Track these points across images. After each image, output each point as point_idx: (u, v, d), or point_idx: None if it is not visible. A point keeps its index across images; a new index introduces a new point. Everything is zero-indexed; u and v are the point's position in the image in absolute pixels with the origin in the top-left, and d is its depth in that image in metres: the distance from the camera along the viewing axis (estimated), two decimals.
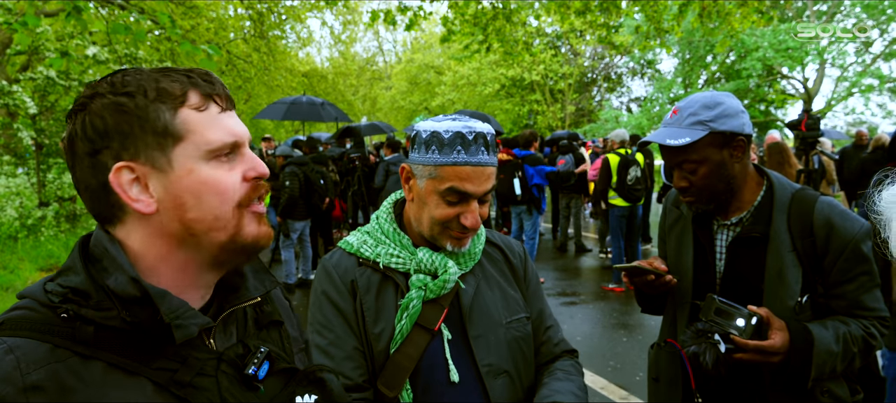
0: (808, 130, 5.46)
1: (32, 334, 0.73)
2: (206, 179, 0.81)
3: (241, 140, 0.86)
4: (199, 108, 0.82)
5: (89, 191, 0.81)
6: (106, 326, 0.76)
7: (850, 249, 1.58)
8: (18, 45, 9.52)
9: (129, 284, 0.77)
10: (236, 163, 0.85)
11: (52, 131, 10.01)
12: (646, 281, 1.71)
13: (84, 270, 0.79)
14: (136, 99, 0.79)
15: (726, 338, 1.52)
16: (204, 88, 0.84)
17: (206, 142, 0.81)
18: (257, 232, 0.87)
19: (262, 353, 0.88)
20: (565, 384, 1.40)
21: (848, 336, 1.57)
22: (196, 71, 0.85)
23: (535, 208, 7.57)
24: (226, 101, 0.86)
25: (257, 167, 0.87)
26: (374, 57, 39.69)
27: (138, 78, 0.81)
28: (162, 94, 0.80)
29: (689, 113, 1.63)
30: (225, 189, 0.83)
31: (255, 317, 0.97)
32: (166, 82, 0.81)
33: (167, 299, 0.78)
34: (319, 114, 11.15)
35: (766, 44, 20.85)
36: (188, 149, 0.81)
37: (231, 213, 0.83)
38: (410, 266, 1.38)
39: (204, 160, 0.82)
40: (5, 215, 9.64)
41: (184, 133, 0.81)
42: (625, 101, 31.43)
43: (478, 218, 1.33)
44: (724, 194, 1.67)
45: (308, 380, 0.93)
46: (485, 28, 10.41)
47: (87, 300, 0.77)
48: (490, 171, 1.34)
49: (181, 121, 0.81)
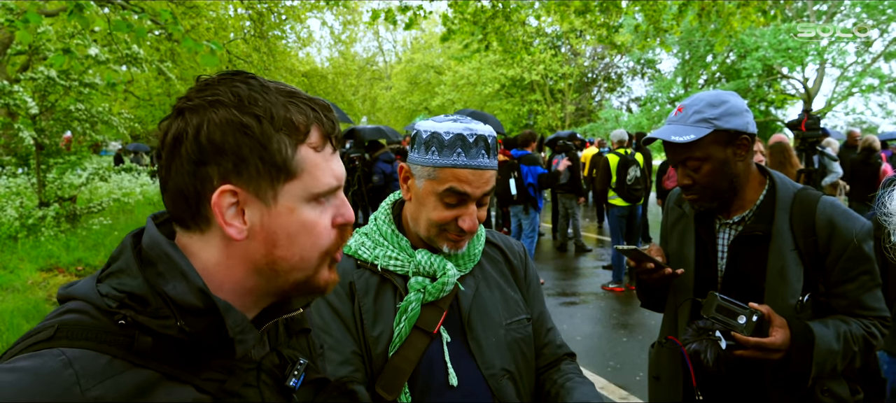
0: (808, 130, 5.46)
1: (91, 345, 0.69)
2: (304, 221, 0.79)
3: (342, 183, 0.84)
4: (317, 148, 0.80)
5: (180, 193, 0.77)
6: (161, 335, 0.73)
7: (852, 248, 1.59)
8: (19, 44, 9.52)
9: (191, 293, 0.74)
10: (329, 206, 0.83)
11: (53, 131, 10.01)
12: (645, 269, 1.72)
13: (141, 274, 0.75)
14: (262, 124, 0.75)
15: (727, 335, 1.52)
16: (326, 126, 0.81)
17: (316, 185, 0.79)
18: (328, 278, 0.85)
19: (301, 365, 0.88)
20: (588, 388, 1.40)
21: (848, 335, 1.57)
22: (320, 103, 0.82)
23: (532, 207, 7.56)
24: (339, 142, 0.84)
25: (346, 213, 0.84)
26: (374, 57, 39.72)
27: (267, 98, 0.77)
28: (288, 126, 0.77)
29: (694, 110, 1.64)
30: (319, 234, 0.81)
31: (285, 323, 0.95)
32: (294, 112, 0.78)
33: (232, 313, 0.76)
34: None
35: (766, 44, 20.84)
36: (297, 188, 0.78)
37: (316, 258, 0.82)
38: (409, 268, 1.37)
39: (307, 202, 0.79)
40: (5, 215, 9.63)
41: (298, 172, 0.78)
42: (625, 101, 31.45)
43: (476, 221, 1.32)
44: (727, 192, 1.68)
45: (339, 392, 0.93)
46: (484, 27, 10.42)
47: (145, 306, 0.73)
48: (489, 175, 1.32)
49: (300, 159, 0.78)
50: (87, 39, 8.06)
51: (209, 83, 0.78)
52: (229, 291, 0.79)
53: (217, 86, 0.77)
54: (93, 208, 10.51)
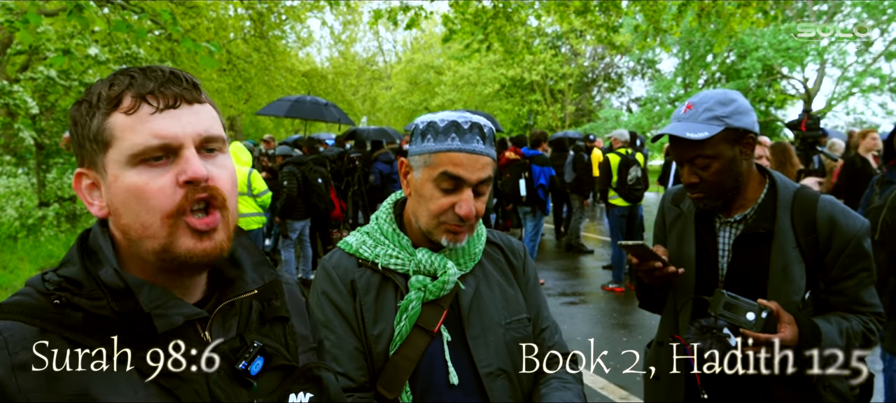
0: (808, 130, 5.46)
1: (22, 317, 0.76)
2: (128, 186, 0.78)
3: (175, 142, 0.78)
4: (128, 111, 0.79)
5: None
6: (97, 315, 0.78)
7: (853, 246, 1.61)
8: (19, 44, 9.52)
9: (114, 275, 0.79)
10: (165, 168, 0.79)
11: (53, 131, 10.01)
12: (649, 268, 1.70)
13: (80, 261, 0.81)
14: (81, 107, 0.82)
15: (736, 332, 1.53)
16: (138, 88, 0.79)
17: (129, 147, 0.78)
18: (191, 246, 0.79)
19: (255, 348, 0.87)
20: (563, 394, 1.39)
21: (850, 332, 1.60)
22: (149, 69, 0.81)
23: (541, 210, 7.46)
24: (164, 99, 0.79)
25: (191, 169, 0.78)
26: (374, 57, 39.69)
27: (99, 84, 0.83)
28: (100, 100, 0.81)
29: (705, 108, 1.64)
30: (151, 196, 0.78)
31: (260, 312, 0.95)
32: (111, 87, 0.81)
33: (146, 289, 0.79)
34: (322, 114, 11.17)
35: (766, 44, 20.85)
36: (114, 154, 0.79)
37: (159, 223, 0.78)
38: (409, 267, 1.37)
39: (129, 165, 0.78)
40: (5, 215, 9.63)
41: (109, 139, 0.79)
42: (625, 101, 31.45)
43: (472, 208, 1.31)
44: (731, 191, 1.69)
45: (305, 378, 0.92)
46: (485, 27, 10.42)
47: (80, 289, 0.79)
48: (484, 161, 1.32)
49: (109, 126, 0.79)
50: (86, 39, 8.06)
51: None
52: (137, 270, 0.83)
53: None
54: None
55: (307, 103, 11.05)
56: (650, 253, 1.68)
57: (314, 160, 7.96)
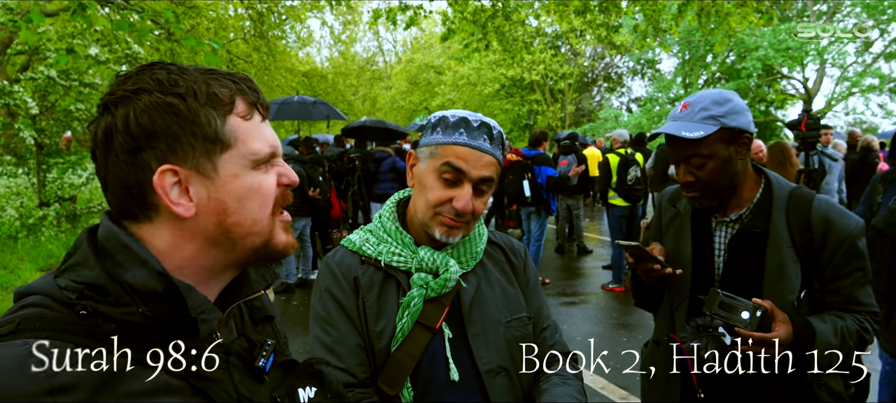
0: (808, 130, 5.46)
1: (54, 335, 0.69)
2: (250, 185, 0.83)
3: (278, 150, 0.88)
4: (245, 117, 0.83)
5: (121, 186, 0.78)
6: (124, 322, 0.74)
7: (848, 245, 1.62)
8: (21, 44, 9.53)
9: (152, 279, 0.75)
10: (271, 170, 0.87)
11: (53, 131, 10.02)
12: (647, 268, 1.72)
13: (98, 265, 0.76)
14: (187, 102, 0.78)
15: (731, 331, 1.54)
16: (250, 96, 0.85)
17: (251, 152, 0.83)
18: (286, 240, 0.89)
19: (269, 346, 0.89)
20: (563, 389, 1.40)
21: (845, 331, 1.60)
22: (239, 77, 0.85)
23: (545, 210, 7.41)
24: (266, 111, 0.88)
25: (289, 174, 0.88)
26: (373, 57, 39.70)
27: (187, 78, 0.79)
28: (212, 100, 0.80)
29: (701, 108, 1.65)
30: (267, 194, 0.84)
31: (249, 312, 0.97)
32: (216, 86, 0.81)
33: (193, 294, 0.78)
34: (309, 113, 11.22)
35: (766, 44, 20.82)
36: (235, 156, 0.81)
37: (267, 219, 0.85)
38: (412, 264, 1.39)
39: (251, 167, 0.83)
40: (5, 215, 9.64)
41: (231, 141, 0.81)
42: (625, 101, 31.42)
43: (469, 203, 1.33)
44: (726, 190, 1.70)
45: (307, 373, 0.94)
46: (484, 26, 10.43)
47: (105, 296, 0.74)
48: (489, 159, 1.35)
49: (230, 128, 0.81)
50: (87, 39, 8.08)
51: (129, 76, 0.79)
52: (187, 272, 0.81)
53: (137, 77, 0.78)
54: (93, 208, 10.52)
55: (294, 104, 11.10)
56: (646, 254, 1.69)
57: (312, 160, 7.97)
